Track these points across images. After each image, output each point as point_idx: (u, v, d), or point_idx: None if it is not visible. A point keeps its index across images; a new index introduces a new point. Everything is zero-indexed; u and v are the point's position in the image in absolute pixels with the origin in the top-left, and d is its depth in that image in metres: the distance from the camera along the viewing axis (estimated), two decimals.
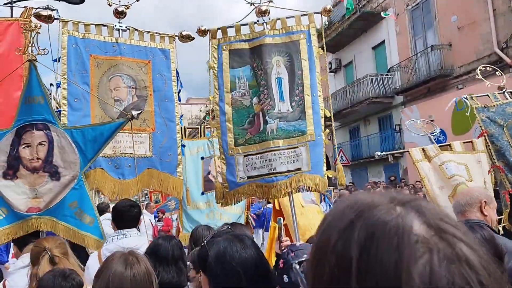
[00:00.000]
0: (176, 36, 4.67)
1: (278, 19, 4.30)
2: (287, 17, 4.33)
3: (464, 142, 5.37)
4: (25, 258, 3.16)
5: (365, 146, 20.54)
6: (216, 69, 4.24)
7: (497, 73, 5.58)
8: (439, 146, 5.28)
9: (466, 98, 5.05)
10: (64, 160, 3.65)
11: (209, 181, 5.42)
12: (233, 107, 4.19)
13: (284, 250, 2.72)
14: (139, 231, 3.93)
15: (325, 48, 4.37)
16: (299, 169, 4.02)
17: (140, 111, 4.06)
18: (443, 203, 4.60)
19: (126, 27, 4.45)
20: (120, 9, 4.39)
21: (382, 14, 17.85)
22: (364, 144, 20.68)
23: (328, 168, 4.45)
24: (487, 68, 5.84)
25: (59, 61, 4.12)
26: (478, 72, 5.46)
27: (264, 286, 1.74)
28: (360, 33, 20.43)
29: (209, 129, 5.92)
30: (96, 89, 4.26)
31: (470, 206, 3.04)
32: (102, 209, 7.37)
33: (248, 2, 4.32)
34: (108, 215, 6.53)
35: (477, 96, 5.17)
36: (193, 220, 5.30)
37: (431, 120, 16.09)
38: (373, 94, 18.41)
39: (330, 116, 4.24)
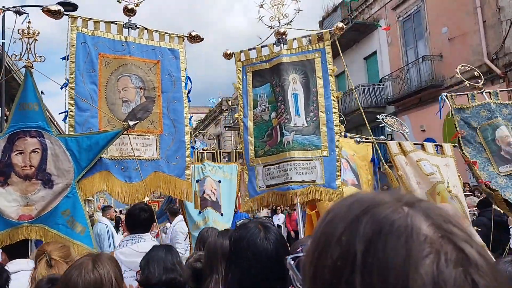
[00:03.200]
0: (185, 36, 4.63)
1: (294, 39, 4.63)
2: (302, 37, 4.67)
3: (435, 145, 5.55)
4: (15, 264, 3.11)
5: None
6: (241, 89, 4.64)
7: (478, 79, 5.71)
8: (414, 144, 5.43)
9: (446, 96, 5.18)
10: (58, 168, 3.62)
11: (204, 200, 5.57)
12: (254, 122, 4.57)
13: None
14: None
15: (340, 51, 4.64)
16: (313, 181, 4.25)
17: (136, 122, 4.02)
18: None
19: (136, 25, 4.39)
20: (130, 6, 4.33)
21: (381, 24, 17.98)
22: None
23: None
24: (466, 67, 6.01)
25: (67, 59, 3.99)
26: (458, 71, 5.61)
27: (275, 283, 1.72)
28: (352, 44, 20.57)
29: (203, 153, 6.19)
30: (104, 89, 4.16)
31: None
32: (174, 211, 7.24)
33: (268, 26, 4.69)
34: (181, 217, 6.50)
35: (456, 95, 5.32)
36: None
37: (422, 130, 16.30)
38: (365, 104, 18.48)
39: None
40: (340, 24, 4.65)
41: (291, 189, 4.20)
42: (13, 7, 4.03)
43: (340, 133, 4.43)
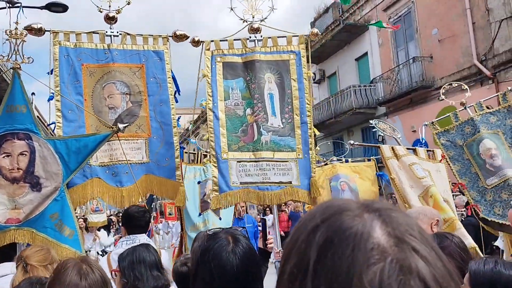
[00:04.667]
0: (169, 36, 4.59)
1: (269, 37, 4.55)
2: (278, 37, 4.57)
3: (427, 151, 5.64)
4: (3, 268, 3.08)
5: (348, 157, 20.64)
6: (210, 77, 4.45)
7: (462, 87, 5.79)
8: (407, 149, 5.52)
9: (426, 124, 5.36)
10: (46, 171, 3.60)
11: (206, 202, 5.59)
12: (226, 114, 4.44)
13: None
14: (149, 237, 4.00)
15: (310, 59, 4.61)
16: (290, 182, 4.30)
17: (126, 124, 4.04)
18: (414, 202, 4.73)
19: (118, 32, 4.39)
20: (111, 14, 4.34)
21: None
22: (347, 155, 20.79)
23: None
24: (453, 85, 6.13)
25: (52, 73, 4.07)
26: (442, 91, 5.74)
27: None
28: (344, 45, 20.66)
29: (206, 156, 6.08)
30: (90, 98, 4.21)
31: (424, 216, 3.17)
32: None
33: (241, 19, 4.56)
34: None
35: (438, 120, 5.48)
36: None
37: (413, 131, 16.41)
38: (356, 105, 18.56)
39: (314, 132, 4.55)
40: (315, 30, 4.65)
41: (269, 189, 4.23)
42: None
43: (315, 135, 4.51)
